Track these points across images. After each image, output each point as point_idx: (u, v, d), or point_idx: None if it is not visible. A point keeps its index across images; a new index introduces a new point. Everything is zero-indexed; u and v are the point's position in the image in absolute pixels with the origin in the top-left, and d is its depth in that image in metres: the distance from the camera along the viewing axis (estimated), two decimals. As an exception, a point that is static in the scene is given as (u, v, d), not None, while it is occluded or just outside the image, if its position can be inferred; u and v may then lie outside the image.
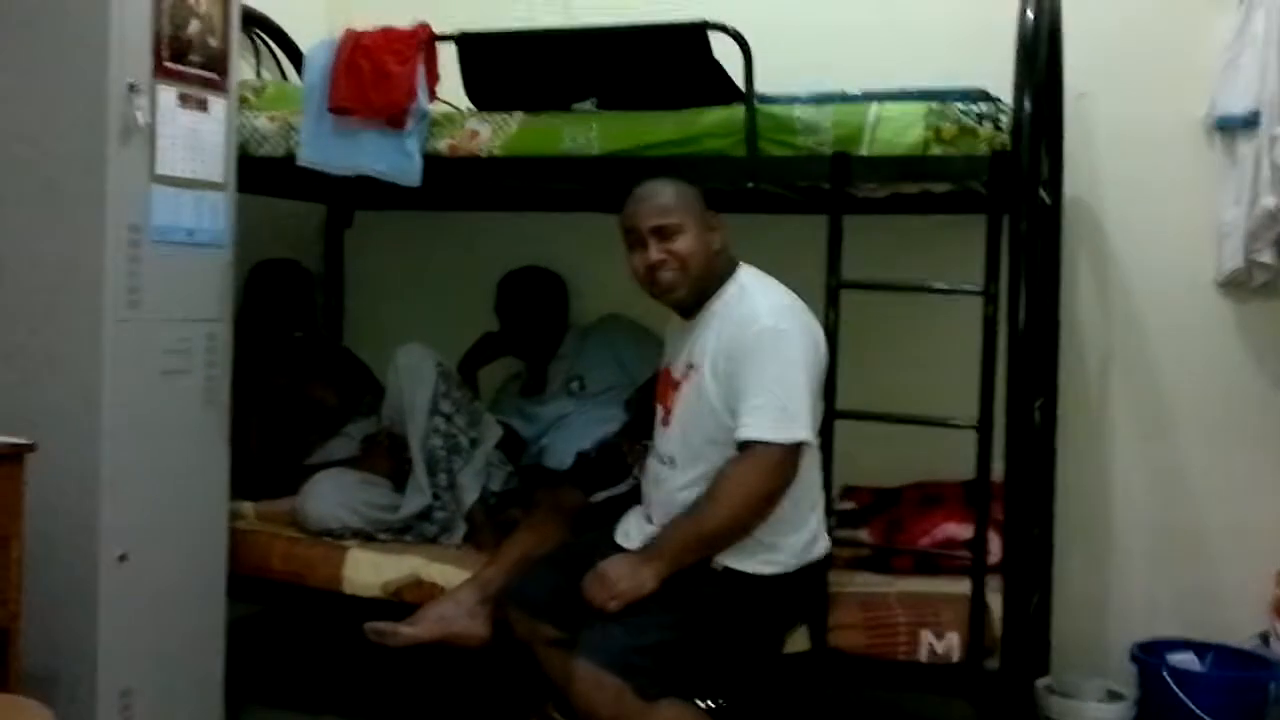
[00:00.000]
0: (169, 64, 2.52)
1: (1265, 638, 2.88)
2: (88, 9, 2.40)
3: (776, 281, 2.45)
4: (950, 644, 2.41)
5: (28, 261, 2.46)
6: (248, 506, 3.01)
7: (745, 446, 2.25)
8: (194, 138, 2.60)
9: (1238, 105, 2.93)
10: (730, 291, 2.38)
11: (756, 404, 2.23)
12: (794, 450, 2.24)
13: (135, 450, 2.48)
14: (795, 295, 2.42)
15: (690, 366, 2.39)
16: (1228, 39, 2.95)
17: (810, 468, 2.36)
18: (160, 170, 2.52)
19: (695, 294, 2.39)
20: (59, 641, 2.40)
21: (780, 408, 2.22)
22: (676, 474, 2.38)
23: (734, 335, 2.31)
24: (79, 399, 2.42)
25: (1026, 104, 2.36)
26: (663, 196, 2.37)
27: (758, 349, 2.26)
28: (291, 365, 3.34)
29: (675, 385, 2.43)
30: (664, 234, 2.36)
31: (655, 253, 2.35)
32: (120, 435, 2.45)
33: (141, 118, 2.45)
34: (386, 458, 3.06)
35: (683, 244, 2.36)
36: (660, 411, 2.47)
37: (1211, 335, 3.05)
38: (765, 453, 2.23)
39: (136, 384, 2.48)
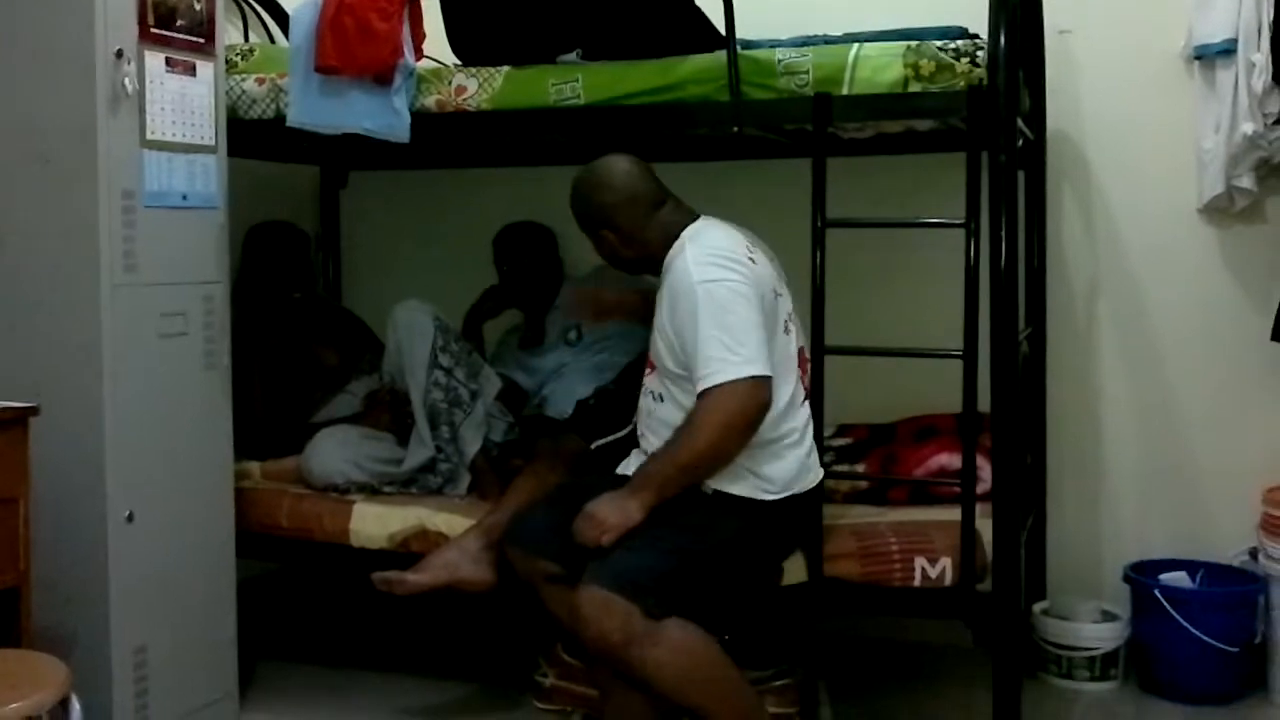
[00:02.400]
0: (155, 30, 2.54)
1: (1254, 553, 2.94)
2: (73, -22, 2.42)
3: (721, 230, 2.46)
4: (943, 569, 2.47)
5: (25, 230, 2.50)
6: (254, 466, 3.07)
7: (709, 394, 2.29)
8: (183, 102, 2.63)
9: (1215, 34, 2.96)
10: (673, 251, 2.43)
11: (704, 357, 2.28)
12: (754, 383, 2.28)
13: (138, 412, 2.53)
14: (737, 240, 2.43)
15: (655, 323, 2.47)
16: (1204, -31, 2.98)
17: (780, 403, 2.39)
18: (151, 135, 2.55)
19: (642, 268, 2.55)
20: (71, 600, 2.46)
21: (726, 350, 2.27)
22: (661, 407, 2.46)
23: (671, 294, 2.38)
24: (80, 363, 2.46)
25: (1001, 38, 2.38)
26: (572, 208, 2.58)
27: (690, 308, 2.31)
28: (292, 326, 3.38)
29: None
30: None
31: None
32: (122, 398, 2.49)
33: (130, 84, 2.47)
34: (389, 413, 3.11)
35: (598, 249, 2.59)
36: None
37: (1195, 261, 3.10)
38: (728, 390, 2.27)
39: (136, 347, 2.52)
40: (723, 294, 2.30)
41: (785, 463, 2.40)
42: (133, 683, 2.53)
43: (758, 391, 2.29)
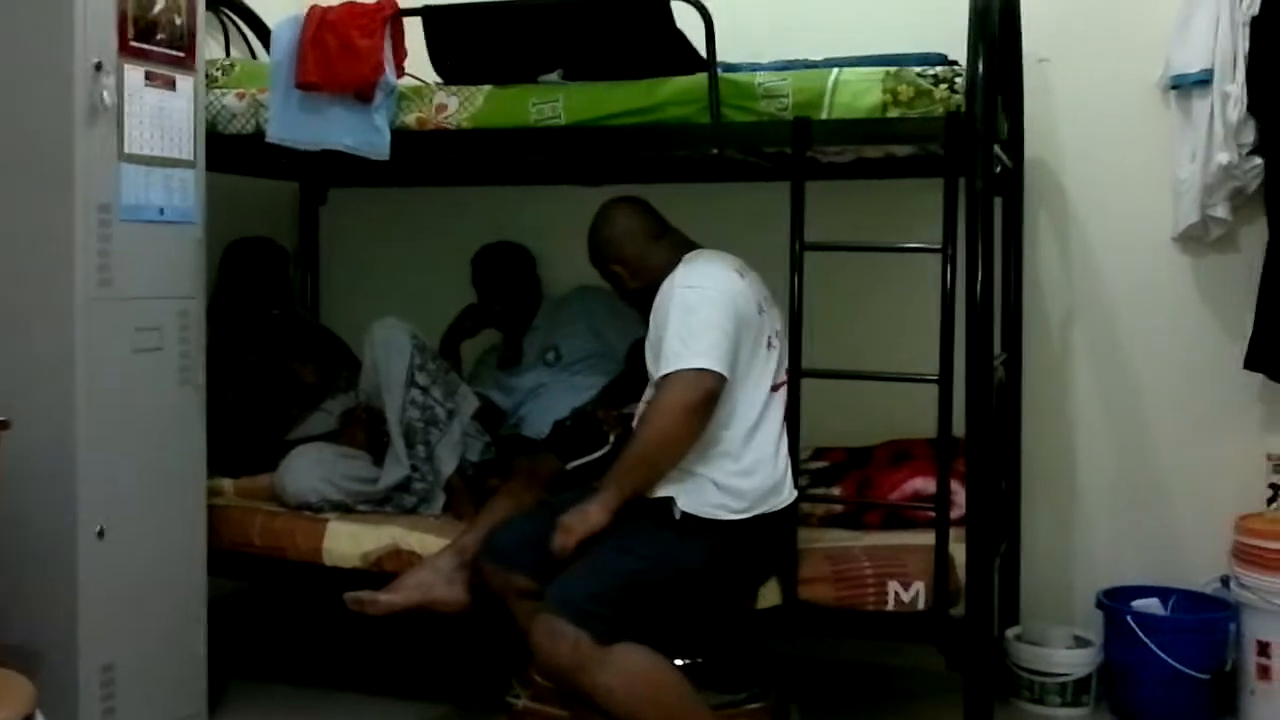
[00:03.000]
0: (135, 43, 2.54)
1: (1225, 581, 2.96)
2: (54, -9, 2.42)
3: (715, 255, 2.55)
4: (917, 593, 2.47)
5: (1, 241, 2.48)
6: (227, 483, 3.05)
7: (659, 385, 2.40)
8: (162, 116, 2.63)
9: (1191, 65, 2.99)
10: (665, 280, 2.52)
11: (664, 352, 2.40)
12: (699, 374, 2.34)
13: (110, 427, 2.51)
14: (728, 262, 2.53)
15: (646, 341, 2.54)
16: (1181, 0, 3.01)
17: (750, 413, 2.44)
18: (129, 149, 2.55)
19: (645, 305, 2.60)
20: (40, 617, 2.44)
21: (681, 344, 2.36)
22: None
23: (656, 307, 2.51)
24: (53, 377, 2.45)
25: (980, 65, 2.41)
26: (589, 257, 2.73)
27: (667, 310, 2.43)
28: (269, 342, 3.36)
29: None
30: None
31: None
32: (95, 412, 2.48)
33: (108, 97, 2.47)
34: (364, 431, 3.10)
35: (616, 290, 2.74)
36: None
37: (1170, 289, 3.12)
38: (672, 378, 2.36)
39: (109, 362, 2.51)
40: (693, 298, 2.41)
41: (754, 480, 2.42)
42: (99, 700, 2.51)
43: (702, 380, 2.35)
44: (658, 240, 2.63)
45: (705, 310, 2.39)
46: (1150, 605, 3.00)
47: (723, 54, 2.57)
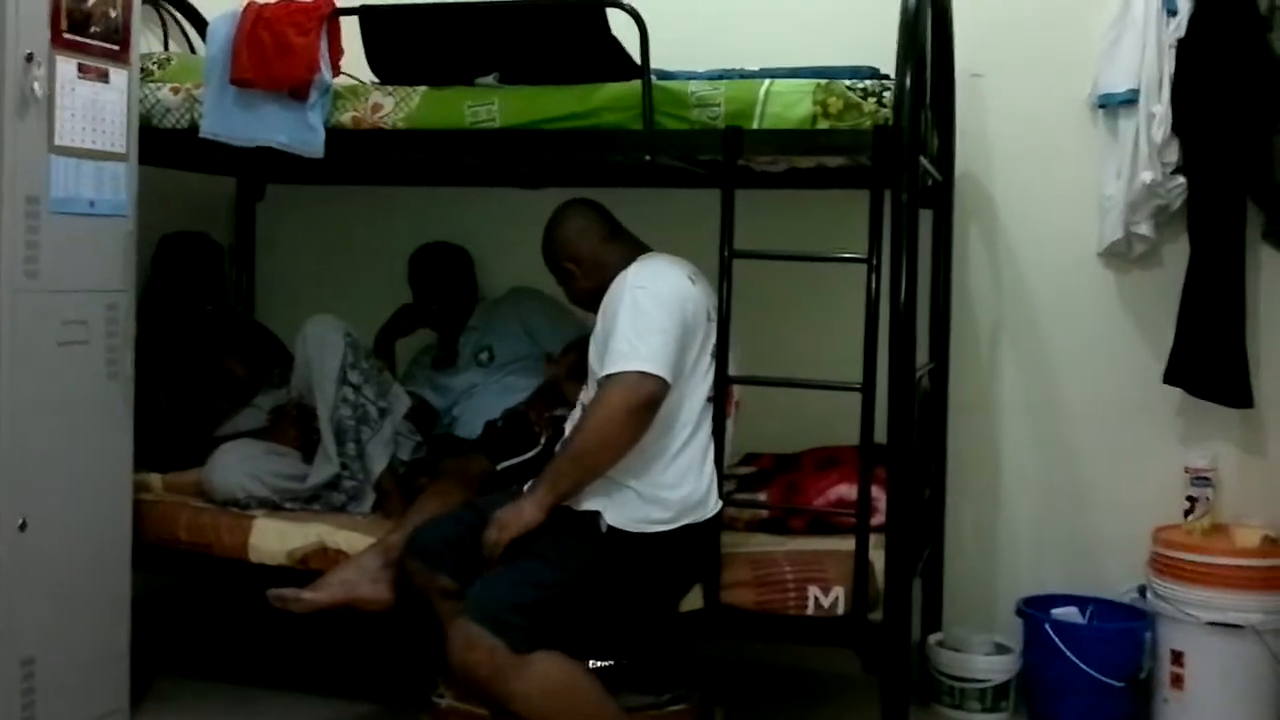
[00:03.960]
0: (68, 35, 2.53)
1: (1143, 591, 3.02)
2: (-16, -21, 2.40)
3: (668, 258, 2.57)
4: (836, 597, 2.50)
5: (-76, 231, 2.46)
6: (154, 478, 3.03)
7: (602, 384, 2.40)
8: (94, 109, 2.61)
9: (1119, 84, 3.05)
10: (616, 278, 2.53)
11: (610, 350, 2.40)
12: (642, 377, 2.35)
13: (34, 420, 2.49)
14: (682, 266, 2.54)
15: (591, 337, 2.54)
16: (1110, 21, 3.07)
17: (689, 422, 2.45)
18: (59, 141, 2.53)
19: (592, 303, 2.62)
20: (-42, 609, 2.42)
21: (628, 345, 2.37)
22: None
23: (604, 304, 2.51)
24: (-24, 367, 2.43)
25: (908, 79, 2.44)
26: (542, 255, 2.73)
27: (616, 309, 2.43)
28: (202, 337, 3.35)
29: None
30: None
31: None
32: (18, 405, 2.46)
33: (39, 88, 2.45)
34: (295, 428, 3.09)
35: (566, 290, 2.75)
36: None
37: (1094, 304, 3.18)
38: (615, 379, 2.36)
39: (35, 354, 2.49)
40: (644, 299, 2.42)
41: (682, 490, 2.43)
42: (19, 695, 2.49)
43: (644, 384, 2.35)
44: (611, 241, 2.66)
45: (655, 313, 2.40)
46: (1069, 614, 3.05)
47: (657, 61, 2.59)
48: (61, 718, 2.58)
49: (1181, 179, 2.99)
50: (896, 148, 2.44)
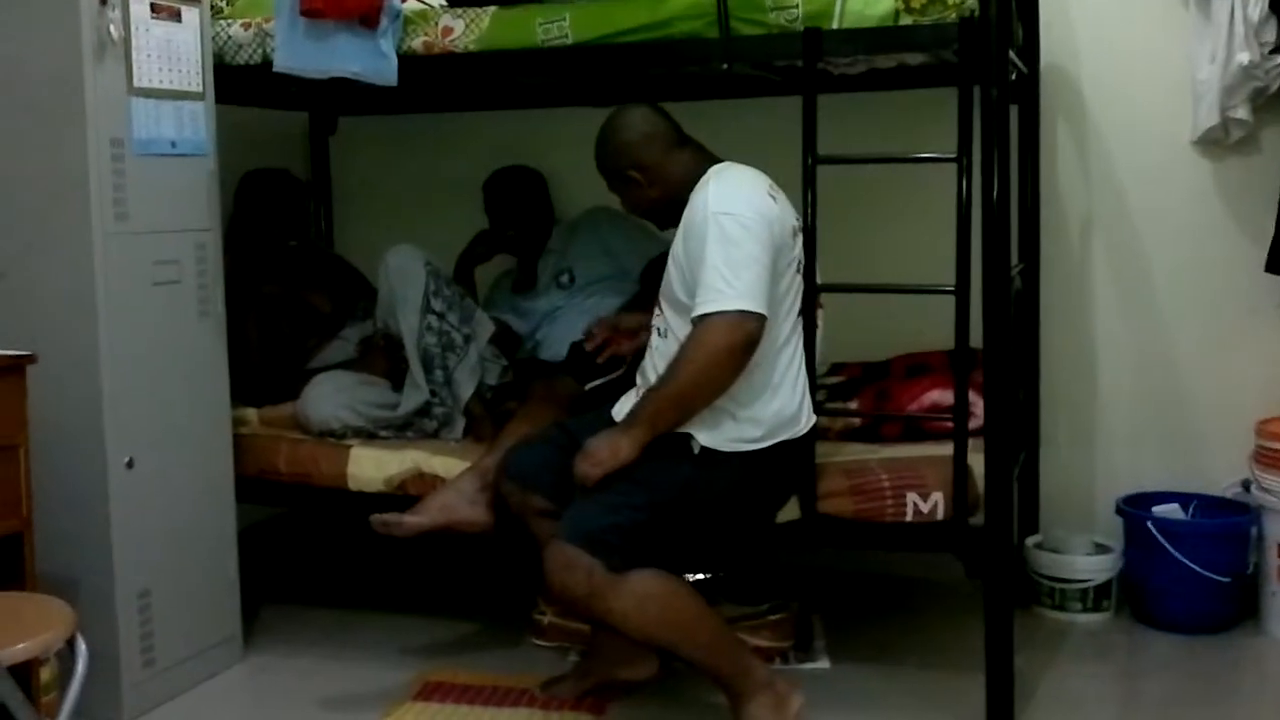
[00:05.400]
0: (139, -24, 2.53)
1: (1246, 485, 2.96)
2: (54, -74, 2.40)
3: (745, 170, 2.48)
4: (935, 503, 2.49)
5: (17, 180, 2.50)
6: (250, 412, 3.08)
7: (699, 322, 2.33)
8: (169, 48, 2.62)
9: (1211, -39, 2.93)
10: (697, 187, 2.45)
11: (704, 283, 2.31)
12: (743, 316, 2.29)
13: (133, 360, 2.54)
14: (761, 181, 2.45)
15: (670, 255, 2.49)
16: (1199, -104, 2.94)
17: (779, 340, 2.41)
18: (138, 83, 2.54)
19: (663, 217, 2.57)
20: (75, 546, 2.49)
21: (725, 282, 2.28)
22: (665, 343, 2.46)
23: (686, 225, 2.42)
24: (75, 311, 2.48)
25: (993, -33, 2.36)
26: (597, 162, 2.61)
27: (703, 235, 2.34)
28: (286, 273, 3.38)
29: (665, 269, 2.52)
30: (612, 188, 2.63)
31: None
32: (117, 345, 2.51)
33: (115, 31, 2.46)
34: (383, 358, 3.12)
35: (625, 201, 2.63)
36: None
37: (1190, 194, 3.09)
38: (715, 321, 2.30)
39: (130, 295, 2.54)
40: (733, 228, 2.32)
41: (774, 405, 2.41)
42: (138, 625, 2.58)
43: (745, 324, 2.29)
44: (680, 148, 2.54)
45: (746, 242, 2.31)
46: (1171, 511, 3.01)
47: (730, -34, 2.53)
48: (178, 646, 2.67)
49: (1281, 59, 2.87)
50: (984, 41, 2.37)
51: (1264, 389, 3.01)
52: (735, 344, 2.29)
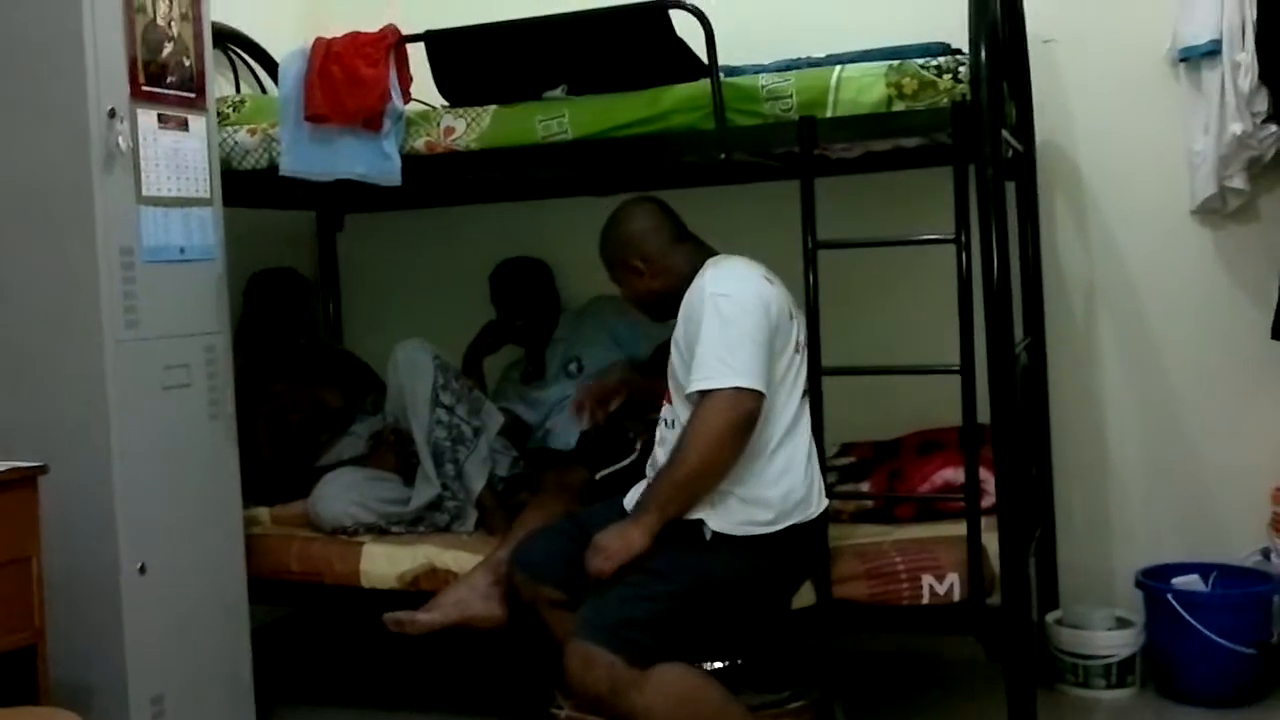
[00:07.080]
0: (146, 87, 2.58)
1: (1266, 553, 2.93)
2: (63, 41, 2.45)
3: (742, 261, 2.52)
4: (951, 584, 2.47)
5: (28, 289, 2.53)
6: (262, 511, 3.08)
7: (697, 401, 2.35)
8: (177, 157, 2.67)
9: (1199, 35, 2.97)
10: (696, 278, 2.49)
11: (700, 360, 2.35)
12: (739, 393, 2.31)
13: (145, 465, 2.55)
14: (756, 268, 2.50)
15: (672, 342, 2.51)
16: (1184, -30, 2.99)
17: (783, 422, 2.42)
18: (147, 192, 2.58)
19: (660, 309, 2.61)
20: (88, 653, 2.48)
21: (718, 359, 2.32)
22: (673, 433, 2.47)
23: (685, 310, 2.47)
24: (86, 419, 2.49)
25: (983, 53, 2.40)
26: (601, 253, 2.68)
27: (699, 316, 2.39)
28: (296, 371, 3.40)
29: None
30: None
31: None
32: (129, 451, 2.51)
33: (123, 142, 2.51)
34: (394, 453, 3.12)
35: (626, 291, 2.67)
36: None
37: (1191, 262, 3.10)
38: (713, 397, 2.32)
39: (141, 401, 2.55)
40: (729, 308, 2.36)
41: (781, 487, 2.41)
42: (152, 732, 2.55)
43: (742, 401, 2.32)
44: (681, 242, 2.60)
45: (741, 321, 2.35)
46: (1191, 582, 2.97)
47: (724, 57, 2.58)
48: (193, 752, 2.65)
49: (1274, 128, 2.89)
50: (977, 123, 2.40)
51: (1277, 454, 2.99)
52: (735, 421, 2.31)
